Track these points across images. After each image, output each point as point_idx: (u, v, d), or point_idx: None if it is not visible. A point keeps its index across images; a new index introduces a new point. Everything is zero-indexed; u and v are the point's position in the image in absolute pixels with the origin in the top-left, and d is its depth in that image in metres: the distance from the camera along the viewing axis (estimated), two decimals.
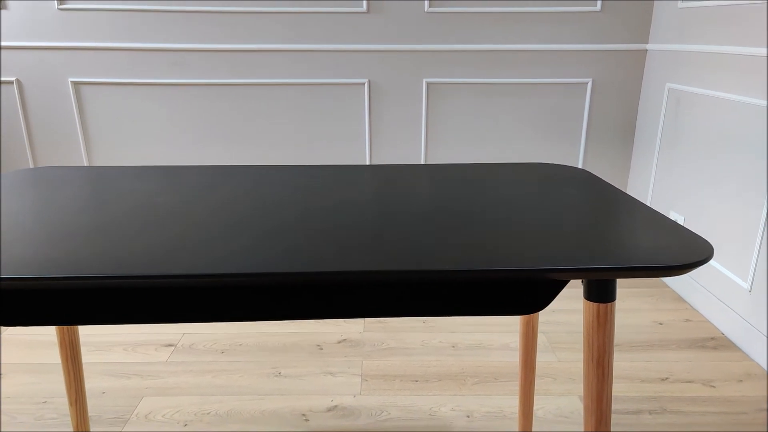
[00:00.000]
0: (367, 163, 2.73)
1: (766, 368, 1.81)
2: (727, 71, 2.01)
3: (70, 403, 1.23)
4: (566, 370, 1.80)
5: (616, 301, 1.65)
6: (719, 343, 1.97)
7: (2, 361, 1.83)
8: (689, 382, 1.75)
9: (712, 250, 0.77)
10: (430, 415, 1.58)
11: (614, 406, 1.62)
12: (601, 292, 0.82)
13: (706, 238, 2.15)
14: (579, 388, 1.71)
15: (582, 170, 1.20)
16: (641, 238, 0.83)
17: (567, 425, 1.54)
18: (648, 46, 2.55)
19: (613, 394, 1.03)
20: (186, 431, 1.51)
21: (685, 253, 0.77)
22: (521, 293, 0.78)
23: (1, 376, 1.76)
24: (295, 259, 0.74)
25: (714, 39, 2.09)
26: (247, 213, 0.92)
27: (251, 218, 0.89)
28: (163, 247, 0.77)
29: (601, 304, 0.82)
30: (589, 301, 0.83)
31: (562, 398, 1.66)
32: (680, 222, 2.33)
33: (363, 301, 0.77)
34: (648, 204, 2.59)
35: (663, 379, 1.76)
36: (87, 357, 1.85)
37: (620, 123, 2.68)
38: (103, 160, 2.74)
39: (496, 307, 0.78)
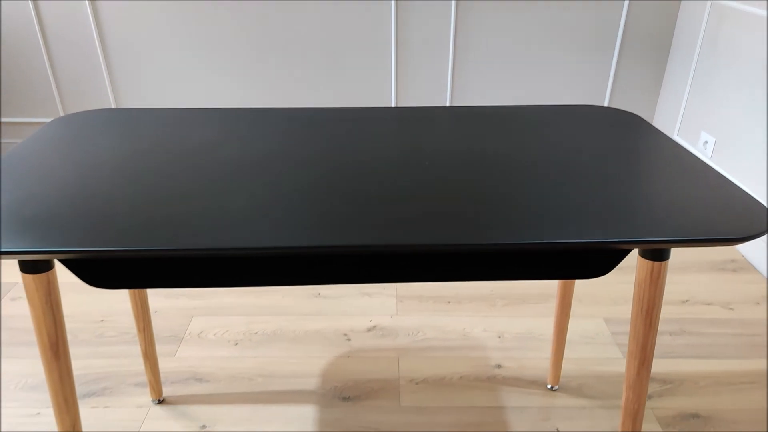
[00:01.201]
0: (394, 84, 2.68)
1: None
2: None
3: (139, 330, 1.33)
4: (591, 293, 1.88)
5: None
6: (739, 265, 2.04)
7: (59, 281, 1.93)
8: (709, 304, 1.84)
9: None
10: (463, 335, 1.69)
11: None
12: (656, 252, 0.86)
13: (735, 162, 2.15)
14: (604, 310, 1.80)
15: (633, 115, 1.20)
16: (700, 203, 0.85)
17: (593, 346, 1.65)
18: None
19: None
20: (237, 349, 1.63)
21: (743, 220, 0.80)
22: (590, 261, 0.82)
23: None
24: (369, 229, 0.77)
25: None
26: (293, 173, 0.94)
27: (296, 180, 0.92)
28: (220, 212, 0.81)
29: (655, 263, 0.87)
30: (643, 259, 0.87)
31: (587, 320, 1.76)
32: (710, 144, 2.33)
33: (435, 268, 0.81)
34: (678, 124, 2.56)
35: (684, 302, 1.85)
36: None
37: (656, 37, 2.59)
38: (123, 74, 2.71)
39: (565, 272, 0.82)
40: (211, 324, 1.73)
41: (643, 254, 0.87)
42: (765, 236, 1.98)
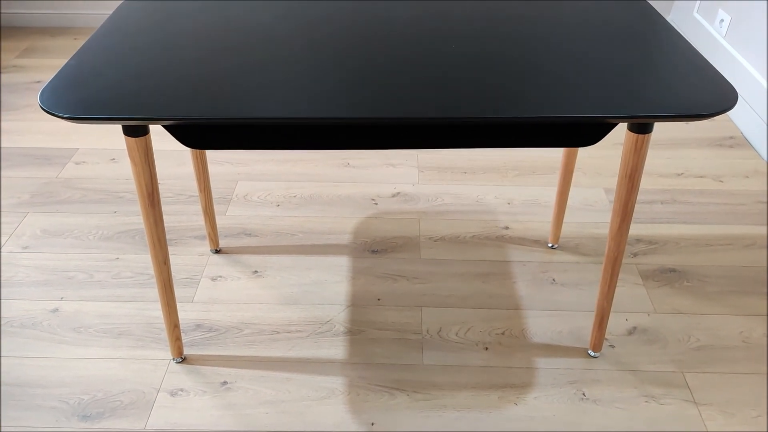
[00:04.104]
0: None
1: None
2: None
3: (200, 190, 1.56)
4: (595, 165, 2.07)
5: None
6: (736, 142, 2.20)
7: (117, 147, 2.15)
8: (701, 177, 2.03)
9: (736, 97, 0.96)
10: (477, 201, 1.91)
11: None
12: (641, 126, 1.03)
13: (746, 42, 2.23)
14: (605, 181, 2.00)
15: (643, 3, 1.30)
16: (678, 83, 1.00)
17: (592, 212, 1.87)
18: None
19: None
20: (279, 209, 1.88)
21: (714, 99, 0.96)
22: (582, 132, 1.00)
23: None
24: (394, 104, 0.95)
25: None
26: (342, 47, 1.10)
27: (346, 55, 1.08)
28: (281, 85, 0.98)
29: (639, 135, 1.04)
30: (630, 132, 1.05)
31: (589, 189, 1.96)
32: (725, 22, 2.38)
33: (452, 136, 1.00)
34: (699, 1, 2.58)
35: (678, 174, 2.04)
36: (179, 144, 2.17)
37: None
38: None
39: (561, 141, 1.00)
40: (255, 188, 1.97)
41: (630, 128, 1.05)
42: (765, 114, 2.12)
